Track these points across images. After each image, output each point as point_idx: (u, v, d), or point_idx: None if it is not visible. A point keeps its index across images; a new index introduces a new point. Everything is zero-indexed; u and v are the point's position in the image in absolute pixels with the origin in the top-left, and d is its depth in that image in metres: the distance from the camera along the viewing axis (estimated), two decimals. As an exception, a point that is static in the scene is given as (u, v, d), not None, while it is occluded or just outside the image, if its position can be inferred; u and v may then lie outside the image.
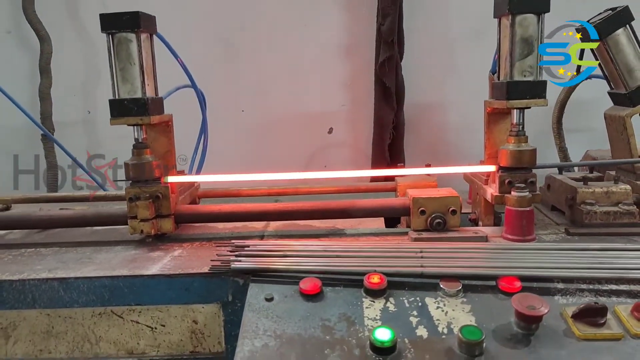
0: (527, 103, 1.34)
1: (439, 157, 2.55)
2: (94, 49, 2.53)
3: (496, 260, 1.14)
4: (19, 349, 1.24)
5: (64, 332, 1.23)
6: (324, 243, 1.28)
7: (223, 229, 1.56)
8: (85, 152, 2.56)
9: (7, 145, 2.55)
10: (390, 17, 2.24)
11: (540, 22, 1.30)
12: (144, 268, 1.24)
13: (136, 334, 1.22)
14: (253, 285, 1.13)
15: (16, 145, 2.59)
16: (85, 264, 1.29)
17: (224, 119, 2.43)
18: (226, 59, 2.53)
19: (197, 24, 2.49)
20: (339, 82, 2.54)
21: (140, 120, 1.36)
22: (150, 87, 1.40)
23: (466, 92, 2.48)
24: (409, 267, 1.12)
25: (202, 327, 1.22)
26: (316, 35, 2.49)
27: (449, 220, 1.36)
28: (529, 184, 1.36)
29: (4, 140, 2.60)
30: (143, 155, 1.41)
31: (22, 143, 2.60)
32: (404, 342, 0.93)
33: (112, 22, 1.33)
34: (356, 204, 1.46)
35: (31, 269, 1.26)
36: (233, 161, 2.52)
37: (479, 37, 2.39)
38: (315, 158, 2.60)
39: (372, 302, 1.05)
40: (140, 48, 1.34)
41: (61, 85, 2.52)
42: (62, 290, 1.20)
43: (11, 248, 1.45)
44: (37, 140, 2.46)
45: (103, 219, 1.49)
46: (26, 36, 2.53)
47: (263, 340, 0.95)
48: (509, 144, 1.39)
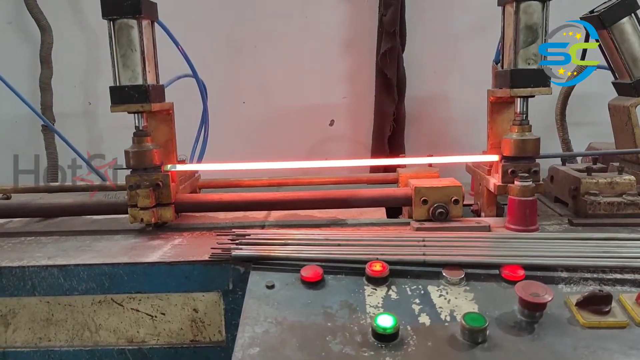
0: (531, 91, 1.32)
1: (440, 151, 2.50)
2: (95, 39, 2.51)
3: (499, 249, 1.14)
4: (18, 336, 1.23)
5: (63, 320, 1.22)
6: (325, 232, 1.27)
7: (224, 219, 1.55)
8: (86, 144, 2.57)
9: (7, 136, 2.54)
10: (393, 7, 2.23)
11: (545, 9, 1.29)
12: (144, 256, 1.23)
13: (136, 322, 1.22)
14: (254, 273, 1.12)
15: (17, 136, 2.59)
16: (85, 252, 1.28)
17: (225, 111, 2.42)
18: (227, 52, 2.52)
19: (199, 16, 2.47)
20: (340, 74, 2.52)
21: (141, 107, 1.35)
22: (152, 74, 1.39)
23: (468, 84, 2.45)
24: (411, 256, 1.11)
25: (203, 315, 1.21)
26: (317, 27, 2.48)
27: (451, 210, 1.35)
28: (533, 173, 1.35)
29: (5, 131, 2.59)
30: (143, 143, 1.41)
31: (23, 134, 2.59)
32: (407, 329, 0.92)
33: (114, 7, 1.32)
34: (358, 193, 1.45)
35: (31, 256, 1.25)
36: (234, 153, 2.49)
37: (482, 30, 2.37)
38: (316, 150, 2.58)
39: (374, 290, 1.04)
40: (142, 34, 1.34)
41: (62, 76, 2.50)
42: (62, 277, 1.19)
43: (11, 236, 1.44)
44: (37, 131, 2.45)
45: (103, 207, 1.49)
46: (27, 26, 2.52)
47: (264, 327, 0.94)
48: (512, 133, 1.38)
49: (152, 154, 1.40)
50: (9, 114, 2.56)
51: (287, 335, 0.92)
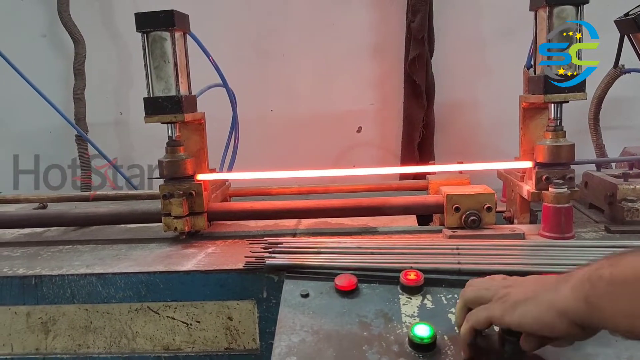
0: (565, 97, 1.30)
1: (469, 157, 2.49)
2: (127, 51, 2.57)
3: (535, 257, 1.12)
4: (58, 343, 1.26)
5: (101, 327, 1.24)
6: (357, 240, 1.27)
7: (255, 227, 1.56)
8: (117, 152, 2.62)
9: (44, 147, 2.60)
10: (421, 13, 2.22)
11: (579, 13, 1.27)
12: (179, 264, 1.25)
13: (172, 330, 1.23)
14: (288, 282, 1.13)
15: (49, 146, 2.65)
16: (121, 260, 1.30)
17: (253, 118, 2.44)
18: (255, 60, 2.54)
19: (228, 25, 2.50)
20: (367, 80, 2.52)
21: (174, 117, 1.38)
22: (184, 85, 1.41)
23: (497, 90, 2.44)
24: (446, 264, 1.11)
25: (237, 323, 1.22)
26: (344, 35, 2.48)
27: (484, 218, 1.33)
28: (567, 180, 1.33)
29: (41, 142, 2.65)
30: (177, 153, 1.43)
31: (57, 144, 2.66)
32: (444, 339, 0.91)
33: (147, 20, 1.34)
34: (389, 201, 1.45)
35: (70, 265, 1.28)
36: (262, 160, 2.52)
37: (510, 34, 2.35)
38: (344, 157, 2.59)
39: (409, 299, 1.04)
40: (175, 46, 1.36)
41: (94, 87, 2.56)
42: (100, 285, 1.22)
43: (50, 245, 1.48)
44: (71, 141, 2.51)
45: (137, 216, 1.51)
46: (60, 39, 2.59)
47: (300, 336, 0.95)
48: (546, 139, 1.36)
49: (185, 164, 1.42)
50: (44, 125, 2.63)
51: (324, 345, 0.92)
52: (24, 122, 2.68)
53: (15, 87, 2.24)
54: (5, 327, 1.26)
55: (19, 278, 1.24)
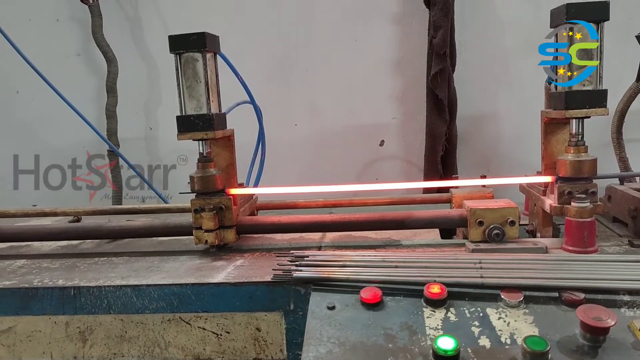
0: (587, 112, 1.32)
1: (492, 170, 2.53)
2: (156, 70, 2.65)
3: (558, 271, 1.13)
4: (94, 352, 1.32)
5: (136, 337, 1.30)
6: (381, 254, 1.30)
7: (281, 240, 1.60)
8: (146, 167, 2.71)
9: (78, 161, 2.70)
10: (442, 29, 2.25)
11: (600, 30, 1.29)
12: (210, 276, 1.29)
13: (202, 340, 1.28)
14: (314, 294, 1.16)
15: (85, 161, 2.75)
16: (154, 272, 1.36)
17: (278, 133, 2.49)
18: (279, 75, 2.61)
19: (253, 41, 2.58)
20: (389, 94, 2.57)
21: (205, 135, 1.43)
22: (215, 103, 1.47)
23: (519, 103, 2.46)
24: (469, 278, 1.13)
25: (265, 334, 1.26)
26: (367, 50, 2.54)
27: (507, 232, 1.35)
28: (590, 194, 1.34)
29: (75, 157, 2.75)
30: (208, 169, 1.48)
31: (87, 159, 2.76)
32: (467, 352, 0.94)
33: (180, 42, 1.41)
34: (413, 214, 1.48)
35: (106, 277, 1.34)
36: (287, 173, 2.58)
37: (531, 49, 2.36)
38: (367, 171, 2.63)
39: (432, 312, 1.07)
40: (206, 67, 1.42)
41: (126, 104, 2.66)
42: (134, 296, 1.27)
43: (86, 257, 1.55)
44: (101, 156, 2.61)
45: (169, 229, 1.57)
46: (93, 58, 2.70)
47: (327, 347, 0.98)
48: (567, 154, 1.38)
49: (215, 179, 1.48)
50: (77, 140, 2.73)
51: (350, 356, 0.95)
52: (58, 137, 2.79)
53: (51, 104, 2.34)
54: (45, 336, 1.32)
55: (58, 289, 1.30)
